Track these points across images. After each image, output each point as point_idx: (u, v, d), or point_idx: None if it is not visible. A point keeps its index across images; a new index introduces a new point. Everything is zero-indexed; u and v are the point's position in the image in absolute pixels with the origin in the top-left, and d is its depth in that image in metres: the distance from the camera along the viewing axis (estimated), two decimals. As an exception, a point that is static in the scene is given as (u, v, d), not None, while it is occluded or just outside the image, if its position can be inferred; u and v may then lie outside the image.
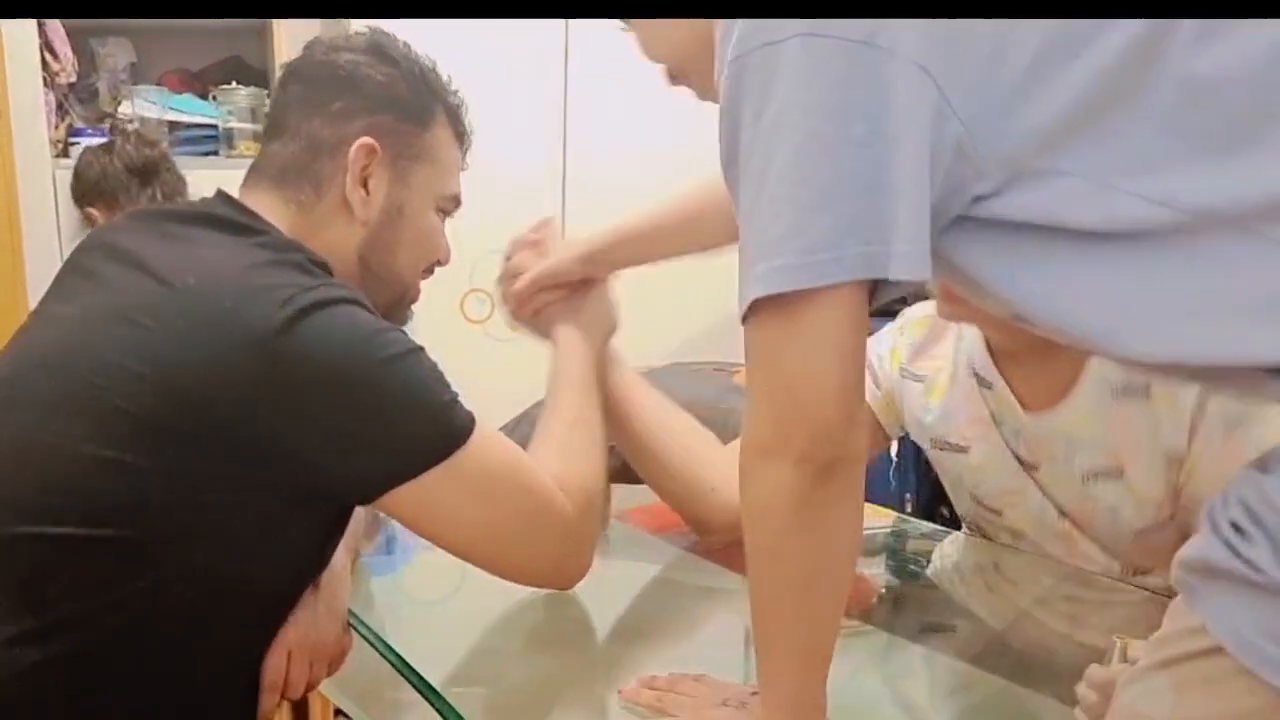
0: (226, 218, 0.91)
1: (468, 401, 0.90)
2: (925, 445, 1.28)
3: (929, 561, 1.38)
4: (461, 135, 1.03)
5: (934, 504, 1.86)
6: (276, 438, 0.80)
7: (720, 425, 1.28)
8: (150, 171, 2.40)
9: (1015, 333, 1.08)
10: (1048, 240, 0.64)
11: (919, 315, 1.28)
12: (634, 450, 1.23)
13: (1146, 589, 1.16)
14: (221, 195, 0.95)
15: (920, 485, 1.74)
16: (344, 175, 0.95)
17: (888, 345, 1.29)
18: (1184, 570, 0.63)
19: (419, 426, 0.85)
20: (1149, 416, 1.08)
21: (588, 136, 3.08)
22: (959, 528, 1.38)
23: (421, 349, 0.87)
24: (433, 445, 0.85)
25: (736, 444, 1.13)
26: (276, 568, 0.88)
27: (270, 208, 0.94)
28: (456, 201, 1.04)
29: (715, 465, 1.20)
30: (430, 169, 1.00)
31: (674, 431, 1.22)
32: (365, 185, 0.96)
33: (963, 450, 1.22)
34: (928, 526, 1.48)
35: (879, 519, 1.42)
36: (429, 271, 1.06)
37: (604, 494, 0.97)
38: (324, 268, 0.89)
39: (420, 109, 0.99)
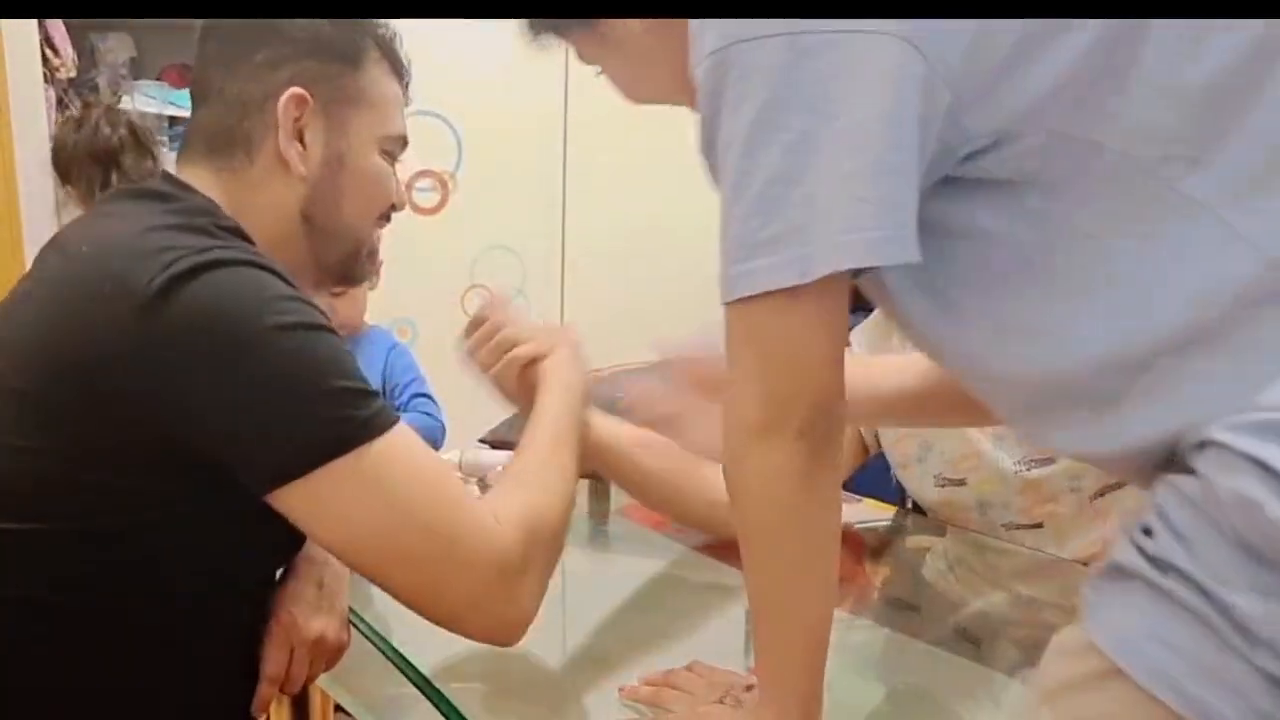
0: (153, 189, 0.87)
1: (466, 396, 0.86)
2: (887, 444, 1.29)
3: (925, 556, 1.38)
4: (399, 69, 0.95)
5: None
6: (158, 410, 0.74)
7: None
8: (111, 159, 2.14)
9: None
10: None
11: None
12: (641, 490, 1.27)
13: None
14: (164, 173, 0.91)
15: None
16: (276, 131, 0.89)
17: (863, 338, 1.31)
18: (1088, 585, 0.64)
19: (310, 410, 0.75)
20: None
21: (587, 132, 3.07)
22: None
23: (330, 329, 0.79)
24: (325, 436, 0.75)
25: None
26: (194, 557, 0.81)
27: (203, 179, 0.89)
28: (402, 142, 0.96)
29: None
30: (368, 111, 0.92)
31: (669, 459, 1.22)
32: (300, 138, 0.89)
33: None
34: (925, 521, 1.48)
35: (878, 513, 1.42)
36: (384, 219, 0.98)
37: (555, 539, 0.87)
38: (235, 232, 0.83)
39: (349, 47, 0.92)
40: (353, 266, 0.96)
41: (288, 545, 0.90)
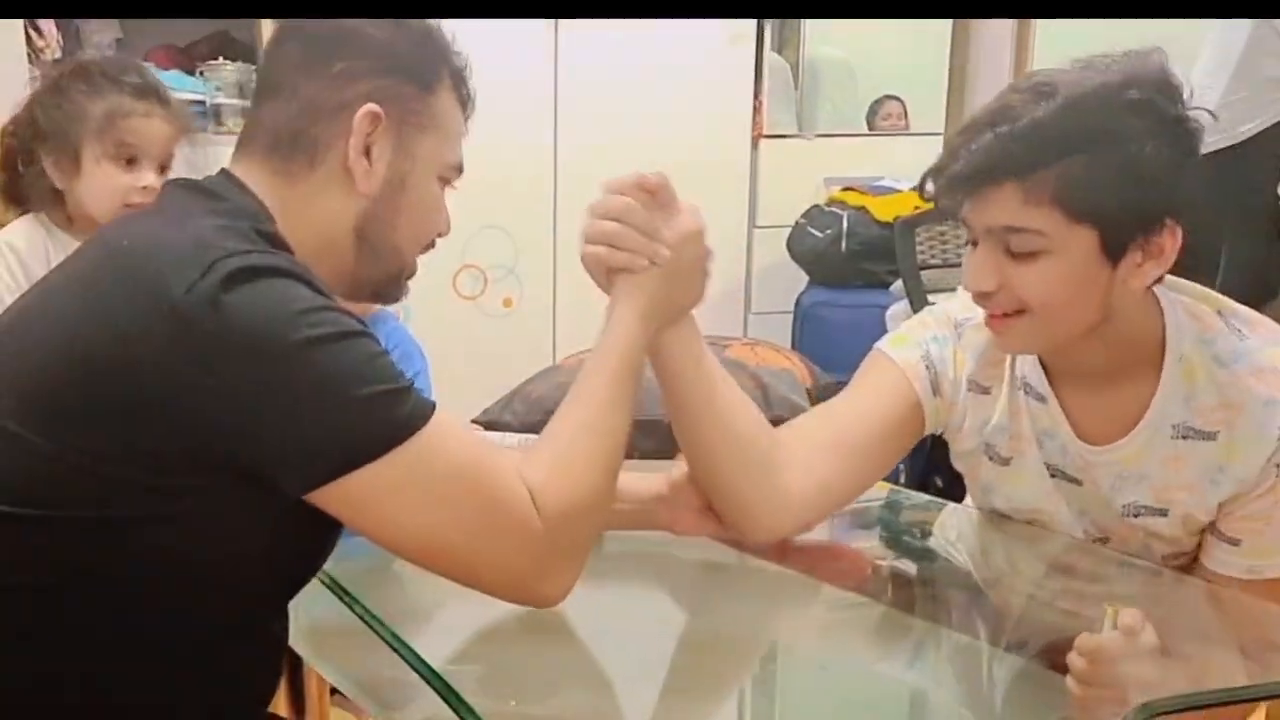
0: (206, 187, 0.87)
1: (459, 377, 0.86)
2: (976, 453, 1.18)
3: (923, 533, 1.39)
4: (465, 100, 0.96)
5: (928, 474, 1.87)
6: (190, 415, 0.75)
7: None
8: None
9: (1077, 357, 1.05)
10: None
11: (974, 320, 1.12)
12: (676, 421, 1.09)
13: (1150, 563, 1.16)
14: (223, 170, 0.91)
15: (914, 456, 1.74)
16: (344, 142, 0.88)
17: (949, 350, 1.15)
18: None
19: (345, 417, 0.77)
20: (1210, 459, 1.04)
21: (578, 111, 3.06)
22: (953, 498, 1.38)
23: (363, 333, 0.80)
24: (361, 439, 0.77)
25: (796, 426, 1.13)
26: (218, 553, 0.82)
27: (259, 179, 0.89)
28: (459, 170, 0.97)
29: (784, 448, 1.08)
30: (435, 137, 0.93)
31: (719, 399, 1.06)
32: (368, 154, 0.89)
33: (1005, 462, 1.15)
34: (921, 497, 1.48)
35: (871, 492, 1.42)
36: (429, 245, 0.98)
37: (594, 511, 0.87)
38: (273, 239, 0.84)
39: (425, 71, 0.92)
40: (391, 288, 0.97)
41: (319, 542, 0.90)
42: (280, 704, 1.19)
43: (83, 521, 0.78)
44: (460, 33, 0.98)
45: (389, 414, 0.78)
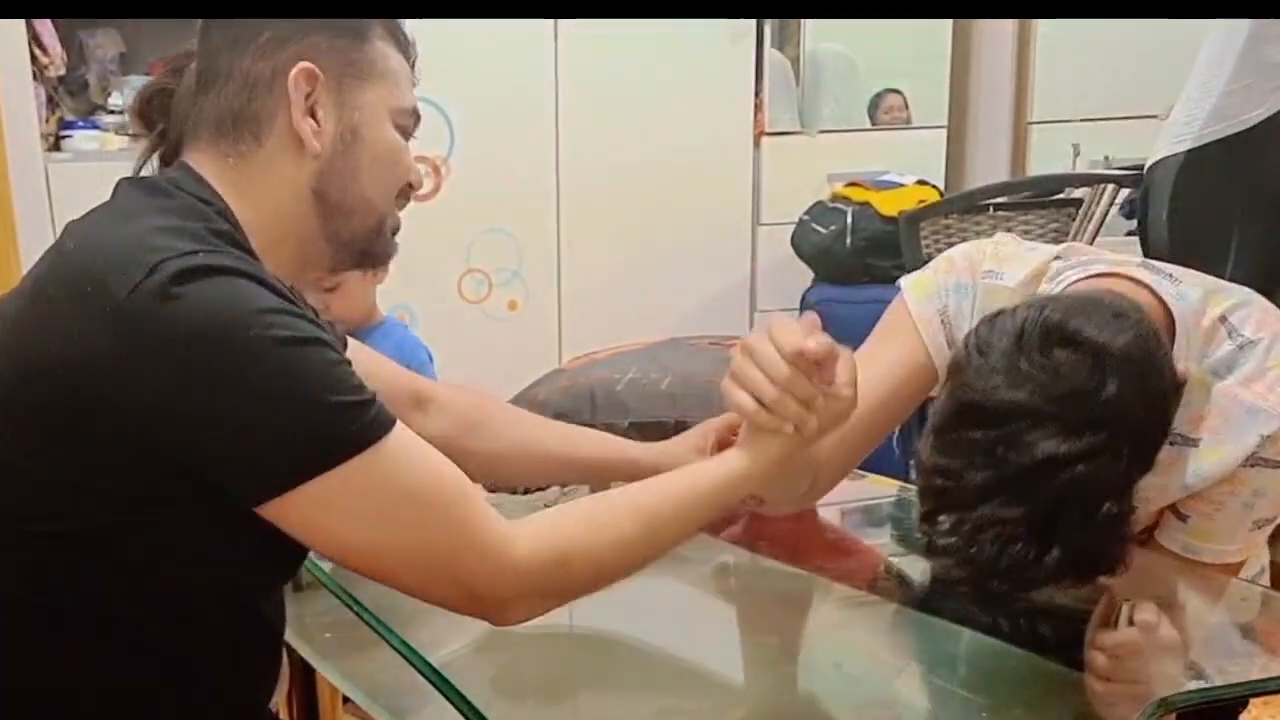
0: (160, 184, 0.85)
1: (466, 381, 0.84)
2: None
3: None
4: (404, 44, 0.93)
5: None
6: (139, 419, 0.73)
7: (717, 397, 1.27)
8: None
9: None
10: None
11: (1001, 281, 1.11)
12: None
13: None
14: (181, 162, 0.88)
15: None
16: (286, 110, 0.85)
17: (968, 302, 1.14)
18: None
19: (295, 428, 0.74)
20: (1189, 462, 1.04)
21: (580, 113, 3.05)
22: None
23: (321, 340, 0.77)
24: (310, 452, 0.74)
25: None
26: (175, 561, 0.80)
27: (211, 168, 0.86)
28: (415, 116, 0.93)
29: None
30: (379, 84, 0.89)
31: None
32: (314, 114, 0.86)
33: None
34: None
35: (882, 489, 1.41)
36: (404, 198, 0.94)
37: (590, 580, 0.85)
38: (228, 237, 0.81)
39: (354, 21, 0.89)
40: (374, 242, 0.92)
41: (283, 553, 0.87)
42: (293, 714, 1.19)
43: (61, 534, 0.77)
44: (461, 33, 0.97)
45: (345, 423, 0.75)
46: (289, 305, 0.77)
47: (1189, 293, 1.03)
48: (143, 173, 0.89)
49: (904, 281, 1.16)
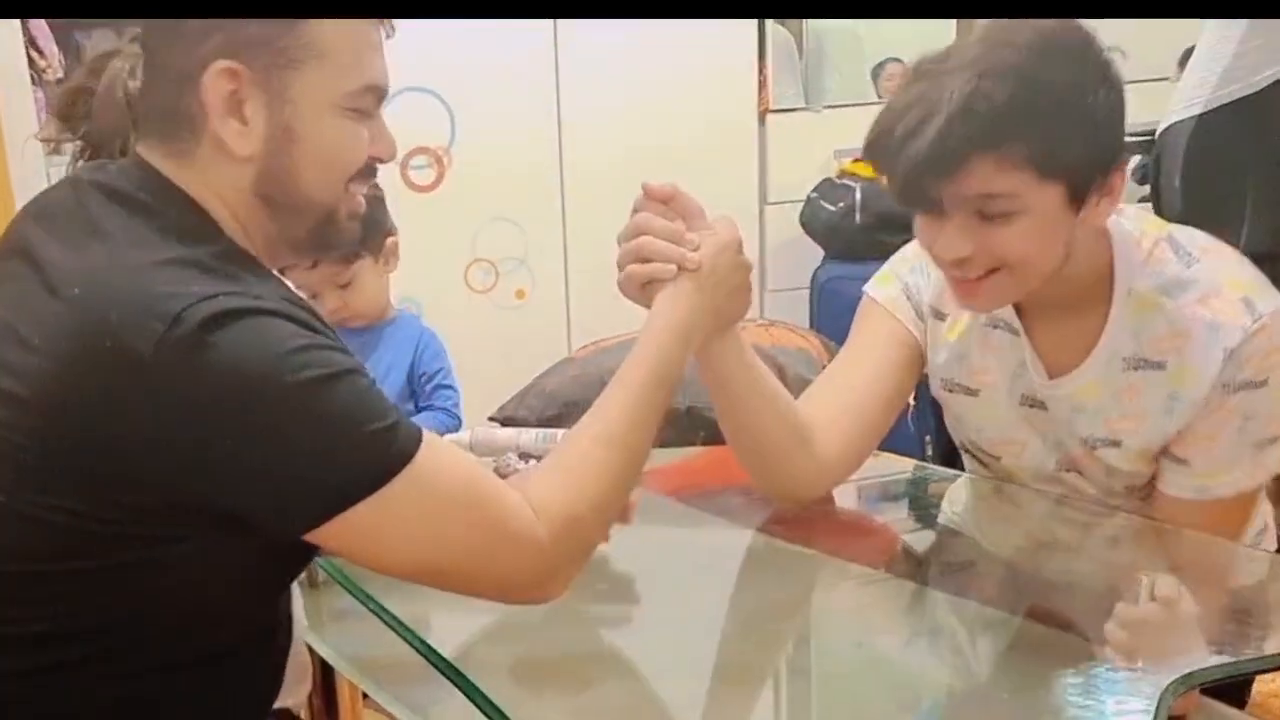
0: (134, 197, 0.80)
1: (474, 371, 0.84)
2: (934, 384, 1.26)
3: (944, 504, 1.37)
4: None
5: (954, 446, 1.85)
6: (174, 470, 0.73)
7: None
8: None
9: (1039, 294, 1.07)
10: None
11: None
12: (725, 412, 1.16)
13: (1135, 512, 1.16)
14: (136, 160, 0.83)
15: (939, 428, 1.72)
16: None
17: (923, 276, 1.23)
18: None
19: (339, 458, 0.75)
20: (1161, 388, 1.06)
21: (581, 100, 3.03)
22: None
23: (350, 370, 0.76)
24: (357, 477, 0.75)
25: (813, 396, 1.19)
26: (214, 585, 0.81)
27: (166, 164, 0.82)
28: (374, 93, 0.84)
29: (809, 420, 1.16)
30: (317, 69, 0.80)
31: (766, 394, 1.14)
32: (241, 114, 0.80)
33: (972, 394, 1.20)
34: (947, 471, 1.46)
35: (898, 466, 1.41)
36: (365, 176, 0.87)
37: (595, 530, 0.86)
38: (227, 256, 0.79)
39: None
40: (327, 234, 0.87)
41: (295, 557, 0.89)
42: (313, 712, 1.19)
43: (78, 570, 0.76)
44: (457, 26, 0.95)
45: (382, 449, 0.76)
46: (313, 335, 0.76)
47: (1129, 212, 1.07)
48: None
49: (867, 285, 1.26)
